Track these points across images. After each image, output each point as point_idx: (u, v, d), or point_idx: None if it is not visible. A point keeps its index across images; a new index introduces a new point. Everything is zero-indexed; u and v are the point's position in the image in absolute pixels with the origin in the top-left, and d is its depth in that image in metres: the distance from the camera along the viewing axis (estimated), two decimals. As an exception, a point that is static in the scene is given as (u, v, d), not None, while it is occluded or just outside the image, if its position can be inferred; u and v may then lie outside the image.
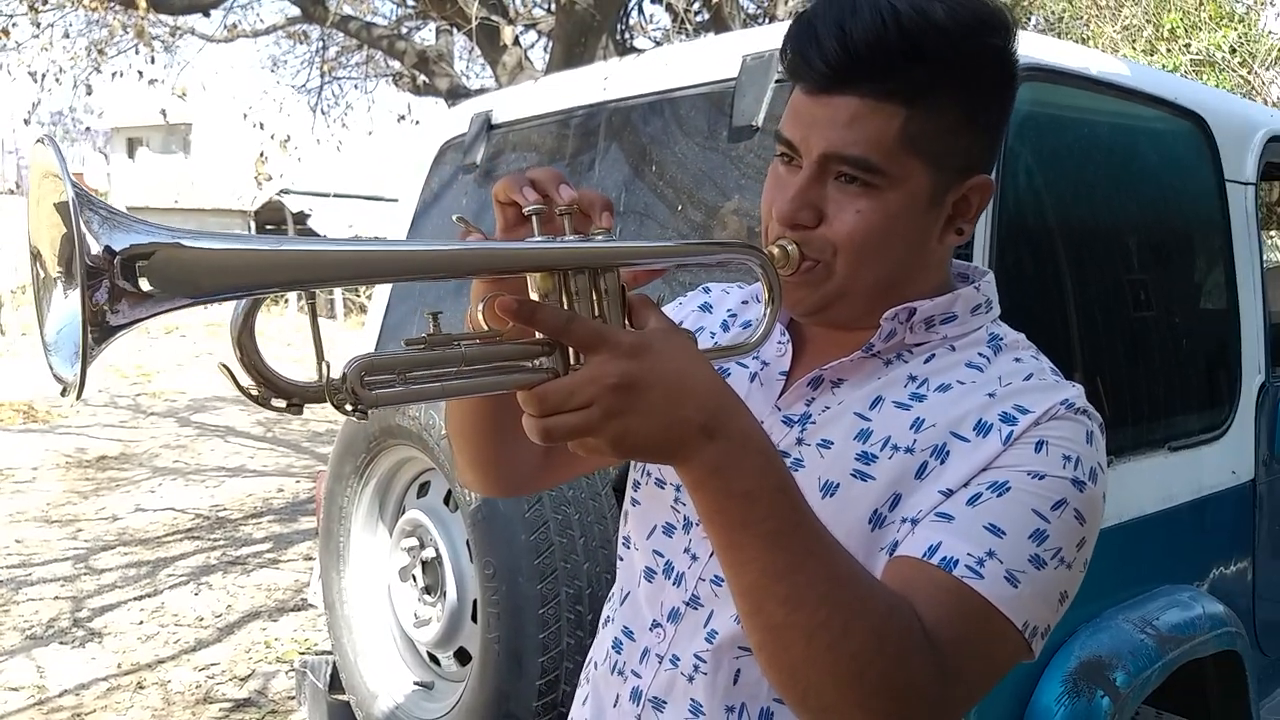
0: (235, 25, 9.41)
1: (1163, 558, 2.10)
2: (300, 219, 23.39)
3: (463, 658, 2.10)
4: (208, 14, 8.45)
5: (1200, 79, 8.39)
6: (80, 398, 0.63)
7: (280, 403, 0.69)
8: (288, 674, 4.12)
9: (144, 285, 0.62)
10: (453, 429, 1.09)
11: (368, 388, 0.71)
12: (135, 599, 5.09)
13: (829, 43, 0.86)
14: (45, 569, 5.58)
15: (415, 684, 2.22)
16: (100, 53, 8.53)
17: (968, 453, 0.86)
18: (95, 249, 0.60)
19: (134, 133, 31.17)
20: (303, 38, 10.00)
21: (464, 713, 1.96)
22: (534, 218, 0.82)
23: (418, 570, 2.13)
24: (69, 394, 0.63)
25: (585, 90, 2.35)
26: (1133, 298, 2.15)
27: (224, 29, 9.31)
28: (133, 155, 32.09)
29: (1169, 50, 9.03)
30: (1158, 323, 2.19)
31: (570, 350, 0.77)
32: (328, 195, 22.55)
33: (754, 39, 2.03)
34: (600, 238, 0.83)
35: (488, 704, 1.89)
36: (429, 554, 2.10)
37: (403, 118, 9.35)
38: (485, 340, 0.79)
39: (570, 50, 6.23)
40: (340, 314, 20.53)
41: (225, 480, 7.72)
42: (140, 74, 8.48)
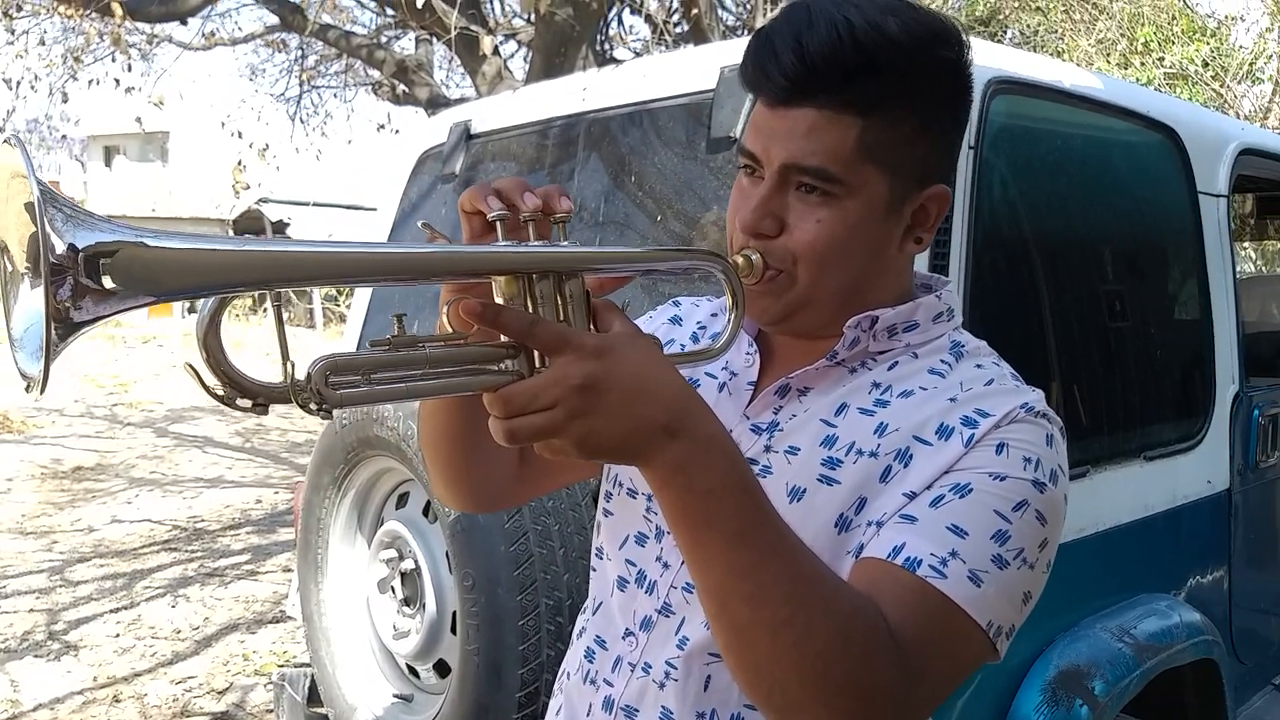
0: (213, 33, 9.37)
1: (1140, 567, 2.12)
2: (279, 228, 23.34)
3: (442, 670, 2.09)
4: (185, 22, 8.39)
5: (1174, 92, 8.50)
6: (44, 392, 0.64)
7: (245, 402, 0.70)
8: (266, 687, 4.08)
9: (107, 282, 0.63)
10: (425, 443, 1.09)
11: (332, 387, 0.72)
12: (111, 611, 5.04)
13: (786, 56, 0.89)
14: (20, 581, 5.52)
15: (394, 696, 2.21)
16: (76, 60, 8.47)
17: (930, 456, 0.88)
18: (59, 246, 0.61)
19: (111, 141, 30.97)
20: (281, 46, 9.98)
21: (443, 725, 1.95)
22: (499, 225, 0.83)
23: (396, 582, 2.12)
24: (33, 389, 0.64)
25: (564, 100, 2.35)
26: (1107, 308, 2.17)
27: (202, 37, 9.26)
28: (109, 163, 31.87)
29: (1143, 64, 9.15)
30: (1133, 333, 2.22)
31: (535, 353, 0.78)
32: (307, 204, 22.52)
33: (732, 51, 2.03)
34: (565, 244, 0.84)
35: (467, 716, 1.88)
36: (408, 565, 2.09)
37: (382, 127, 9.33)
38: (450, 343, 0.80)
39: (550, 60, 6.24)
40: (320, 323, 20.45)
41: (203, 491, 7.67)
42: (117, 82, 8.41)
